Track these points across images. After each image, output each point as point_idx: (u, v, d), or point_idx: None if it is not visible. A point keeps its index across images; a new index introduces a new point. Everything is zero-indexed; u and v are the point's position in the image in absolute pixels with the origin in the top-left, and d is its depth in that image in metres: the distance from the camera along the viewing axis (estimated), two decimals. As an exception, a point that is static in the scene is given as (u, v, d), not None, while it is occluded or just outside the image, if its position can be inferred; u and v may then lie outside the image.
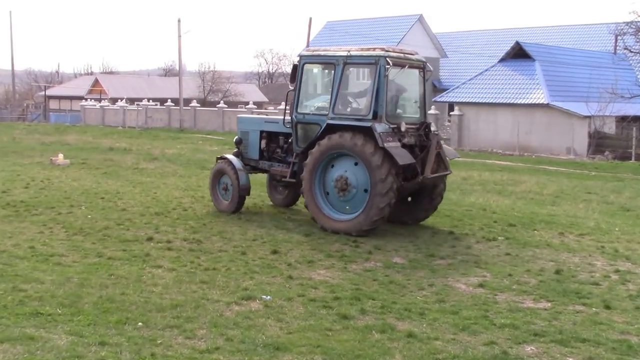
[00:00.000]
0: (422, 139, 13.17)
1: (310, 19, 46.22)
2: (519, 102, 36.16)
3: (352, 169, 12.57)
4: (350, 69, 13.25)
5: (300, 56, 13.83)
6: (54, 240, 11.27)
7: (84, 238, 11.50)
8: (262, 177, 16.28)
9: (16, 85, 77.38)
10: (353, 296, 8.64)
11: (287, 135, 14.14)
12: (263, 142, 14.76)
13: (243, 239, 11.83)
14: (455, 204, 16.76)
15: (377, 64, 12.54)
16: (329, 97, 13.02)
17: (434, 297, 8.82)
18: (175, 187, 17.85)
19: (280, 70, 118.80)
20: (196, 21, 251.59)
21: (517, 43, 38.94)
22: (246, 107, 48.86)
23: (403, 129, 12.71)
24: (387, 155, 12.09)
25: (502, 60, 39.60)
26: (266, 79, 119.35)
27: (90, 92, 78.68)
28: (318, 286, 9.12)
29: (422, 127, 13.25)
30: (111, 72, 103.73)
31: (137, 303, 8.00)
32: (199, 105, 54.57)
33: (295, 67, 13.58)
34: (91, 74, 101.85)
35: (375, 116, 12.44)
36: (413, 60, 13.43)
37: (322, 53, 13.64)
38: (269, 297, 8.47)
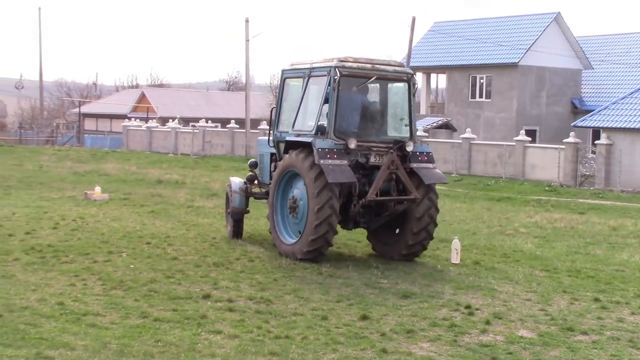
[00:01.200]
0: (397, 162, 14.93)
1: (414, 19, 46.53)
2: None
3: (301, 187, 14.81)
4: (313, 81, 15.43)
5: (282, 70, 16.51)
6: (88, 295, 11.62)
7: (124, 293, 11.82)
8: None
9: (45, 99, 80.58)
10: (466, 379, 8.54)
11: None
12: (272, 165, 16.76)
13: (324, 300, 11.90)
14: (601, 261, 16.39)
15: (328, 75, 14.79)
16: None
17: (574, 384, 8.62)
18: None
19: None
20: (268, 23, 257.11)
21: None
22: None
23: (352, 146, 14.69)
24: (321, 172, 14.18)
25: (666, 72, 38.67)
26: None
27: (134, 109, 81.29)
28: (420, 364, 9.06)
29: (396, 147, 15.10)
30: (161, 85, 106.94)
31: (190, 378, 8.14)
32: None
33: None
34: (136, 87, 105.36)
35: (323, 131, 14.73)
36: (388, 72, 15.40)
37: (297, 66, 16.05)
38: (356, 376, 8.47)
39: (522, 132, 40.58)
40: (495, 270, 14.89)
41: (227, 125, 55.76)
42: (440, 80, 63.47)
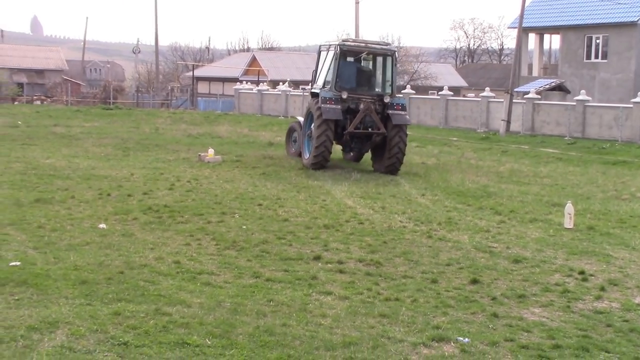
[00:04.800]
0: (376, 107, 22.60)
1: (527, -22, 45.33)
2: None
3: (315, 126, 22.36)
4: (330, 54, 23.05)
5: (319, 46, 24.44)
6: (203, 254, 11.91)
7: (237, 253, 12.06)
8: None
9: (160, 64, 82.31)
10: (579, 345, 8.41)
11: None
12: None
13: (434, 263, 11.88)
14: None
15: (334, 50, 22.53)
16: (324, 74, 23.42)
17: (693, 353, 8.36)
18: (349, 194, 18.24)
19: (484, 46, 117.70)
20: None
21: None
22: (439, 93, 48.81)
23: (344, 96, 22.31)
24: (321, 111, 21.82)
25: None
26: (465, 58, 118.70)
27: (246, 72, 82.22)
28: (532, 329, 8.97)
29: (379, 99, 22.64)
30: (272, 49, 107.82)
31: (302, 338, 8.27)
32: (378, 90, 55.02)
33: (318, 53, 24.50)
34: (247, 50, 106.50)
35: (326, 86, 22.64)
36: (377, 49, 23.16)
37: (325, 43, 23.81)
38: (467, 339, 8.45)
39: (640, 93, 39.17)
40: (610, 235, 14.52)
41: (337, 88, 55.61)
42: (553, 41, 61.89)
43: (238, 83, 67.74)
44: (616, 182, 22.49)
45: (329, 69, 22.87)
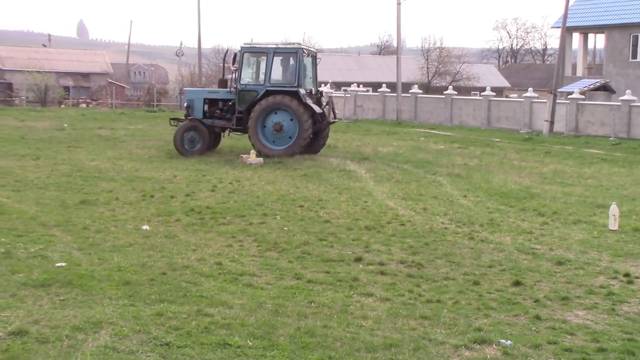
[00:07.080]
0: (317, 101, 27.22)
1: (570, -23, 44.85)
2: None
3: (285, 115, 25.71)
4: (280, 55, 26.62)
5: (241, 47, 26.97)
6: (244, 256, 11.96)
7: (279, 255, 12.09)
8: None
9: (203, 66, 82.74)
10: (624, 349, 8.29)
11: (225, 101, 26.95)
12: (206, 106, 27.03)
13: (476, 265, 11.80)
14: None
15: (297, 52, 26.08)
16: (264, 73, 26.32)
17: None
18: (390, 195, 18.20)
19: (527, 46, 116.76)
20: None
21: None
22: (482, 94, 48.51)
23: (314, 92, 27.16)
24: (308, 107, 25.50)
25: None
26: (508, 58, 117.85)
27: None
28: (575, 332, 8.87)
29: (317, 94, 27.62)
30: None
31: (343, 339, 8.26)
32: (421, 91, 54.93)
33: (235, 55, 26.98)
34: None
35: (299, 85, 25.80)
36: (312, 51, 28.03)
37: (255, 46, 27.07)
38: (509, 342, 8.37)
39: (687, 93, 38.53)
40: (655, 237, 14.30)
41: (379, 89, 55.70)
42: (598, 41, 61.22)
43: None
44: (662, 183, 22.14)
45: (297, 69, 25.92)
